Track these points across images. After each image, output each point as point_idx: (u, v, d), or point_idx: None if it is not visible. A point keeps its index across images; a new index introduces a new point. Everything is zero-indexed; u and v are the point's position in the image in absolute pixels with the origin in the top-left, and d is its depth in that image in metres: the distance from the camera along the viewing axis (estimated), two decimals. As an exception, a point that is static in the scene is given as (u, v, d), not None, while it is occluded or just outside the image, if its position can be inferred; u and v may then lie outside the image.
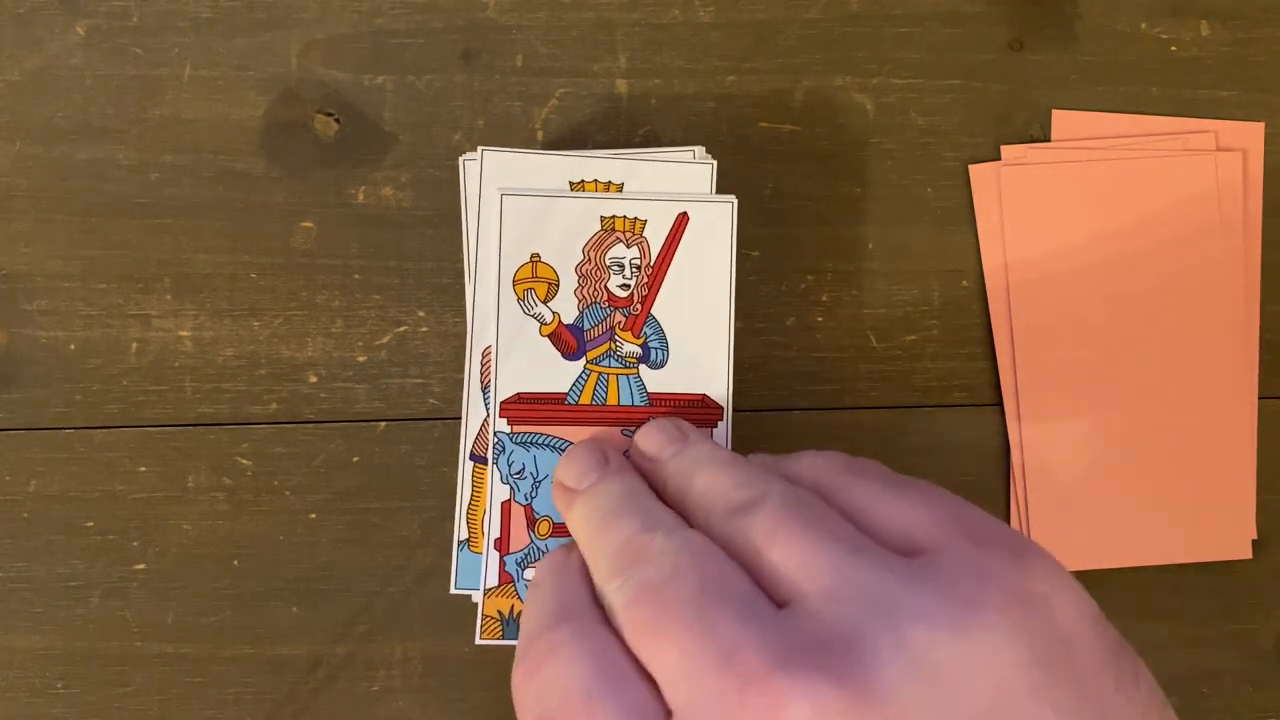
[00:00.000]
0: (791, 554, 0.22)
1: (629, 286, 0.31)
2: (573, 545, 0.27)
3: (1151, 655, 0.35)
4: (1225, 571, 0.35)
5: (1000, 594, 0.20)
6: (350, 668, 0.34)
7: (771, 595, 0.22)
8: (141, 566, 0.33)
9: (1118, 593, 0.34)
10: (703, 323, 0.31)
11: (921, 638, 0.19)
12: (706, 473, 0.25)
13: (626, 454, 0.28)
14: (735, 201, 0.31)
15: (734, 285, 0.31)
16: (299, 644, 0.33)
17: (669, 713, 0.21)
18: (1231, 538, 0.34)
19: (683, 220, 0.31)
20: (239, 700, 0.33)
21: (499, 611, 0.30)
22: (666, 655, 0.21)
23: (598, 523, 0.25)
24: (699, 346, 0.31)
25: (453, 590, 0.30)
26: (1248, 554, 0.34)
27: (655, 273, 0.30)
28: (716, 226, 0.31)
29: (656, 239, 0.31)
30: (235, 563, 0.33)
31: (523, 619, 0.25)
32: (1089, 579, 0.34)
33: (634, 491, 0.26)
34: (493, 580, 0.30)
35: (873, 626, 0.20)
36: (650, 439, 0.28)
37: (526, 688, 0.23)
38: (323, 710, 0.34)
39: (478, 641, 0.30)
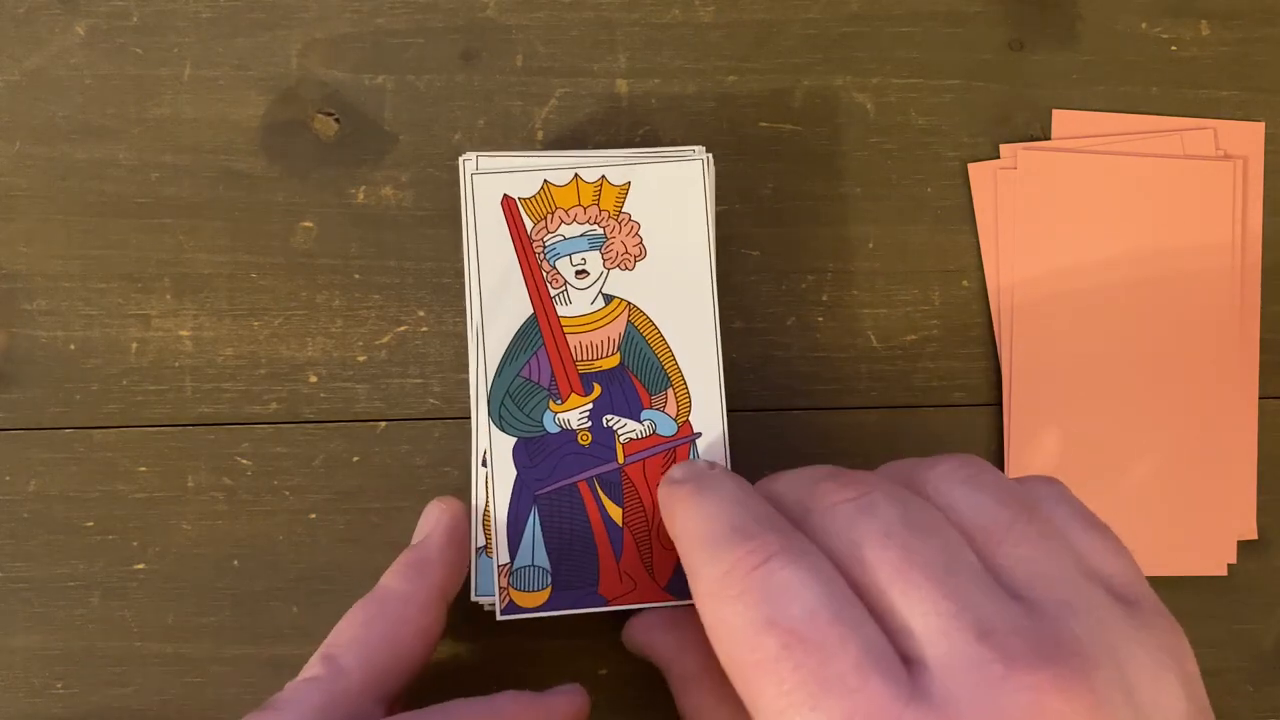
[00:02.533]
0: (1030, 559, 0.22)
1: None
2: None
3: (1151, 655, 0.35)
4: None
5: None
6: (350, 668, 0.33)
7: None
8: (141, 566, 0.33)
9: (1118, 593, 0.34)
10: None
11: (1134, 679, 0.21)
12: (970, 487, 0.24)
13: None
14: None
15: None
16: (299, 644, 0.33)
17: (904, 659, 0.20)
18: (1230, 540, 0.34)
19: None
20: (239, 700, 0.33)
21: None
22: (923, 605, 0.21)
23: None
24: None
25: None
26: (1233, 558, 0.34)
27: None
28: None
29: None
30: (235, 563, 0.33)
31: (705, 511, 0.24)
32: (1089, 579, 0.34)
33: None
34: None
35: (1102, 654, 0.20)
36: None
37: (747, 580, 0.21)
38: (323, 710, 0.33)
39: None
